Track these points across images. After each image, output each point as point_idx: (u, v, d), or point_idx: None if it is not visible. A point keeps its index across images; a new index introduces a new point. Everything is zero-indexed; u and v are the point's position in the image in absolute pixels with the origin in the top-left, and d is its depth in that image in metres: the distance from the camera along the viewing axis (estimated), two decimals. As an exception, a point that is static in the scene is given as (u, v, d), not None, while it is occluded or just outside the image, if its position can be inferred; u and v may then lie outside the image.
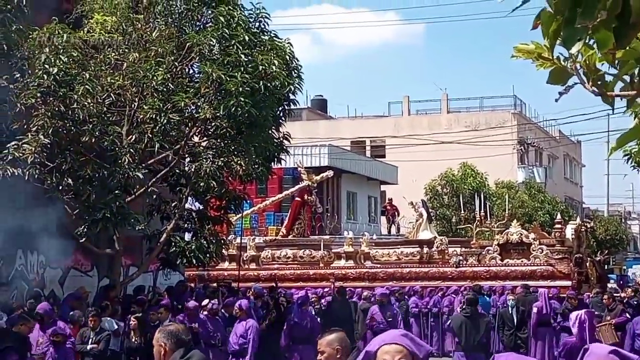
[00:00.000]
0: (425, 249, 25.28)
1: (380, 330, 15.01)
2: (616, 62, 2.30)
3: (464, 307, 14.87)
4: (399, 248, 25.86)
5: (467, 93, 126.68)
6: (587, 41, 2.18)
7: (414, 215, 28.31)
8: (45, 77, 14.72)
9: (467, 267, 24.34)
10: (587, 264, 24.57)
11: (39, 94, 14.73)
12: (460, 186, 42.96)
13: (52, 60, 14.75)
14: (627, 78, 2.34)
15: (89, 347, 13.04)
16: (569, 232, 24.75)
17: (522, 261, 24.06)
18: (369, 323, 17.65)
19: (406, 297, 23.37)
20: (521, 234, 24.56)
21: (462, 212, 32.00)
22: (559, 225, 25.20)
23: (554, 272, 23.39)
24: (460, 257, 24.63)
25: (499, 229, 26.36)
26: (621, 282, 43.91)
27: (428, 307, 23.28)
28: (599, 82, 2.40)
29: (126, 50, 15.69)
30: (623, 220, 71.74)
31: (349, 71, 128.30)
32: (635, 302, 22.32)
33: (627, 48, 2.19)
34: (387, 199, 40.30)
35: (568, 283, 22.77)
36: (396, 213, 38.91)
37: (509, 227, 25.66)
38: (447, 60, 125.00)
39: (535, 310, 20.01)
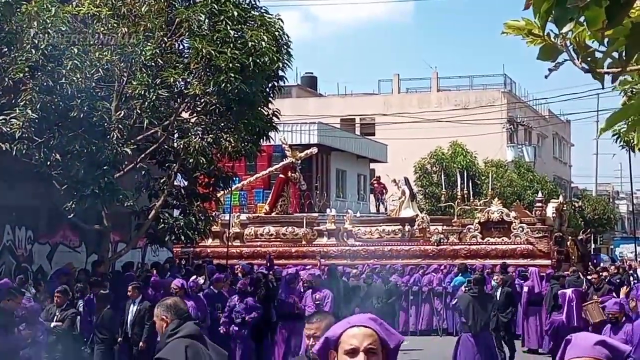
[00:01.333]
0: (407, 227, 25.30)
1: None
2: (605, 39, 2.29)
3: (470, 286, 14.88)
4: (381, 226, 25.87)
5: (457, 71, 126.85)
6: (577, 18, 2.17)
7: (398, 193, 28.30)
8: (34, 51, 14.62)
9: (447, 245, 24.39)
10: (568, 242, 24.65)
11: (27, 69, 14.62)
12: (450, 165, 43.00)
13: (41, 35, 14.64)
14: (616, 55, 2.33)
15: (52, 324, 12.70)
16: (550, 210, 24.82)
17: (502, 239, 24.13)
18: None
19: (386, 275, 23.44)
20: (502, 213, 24.61)
21: (451, 190, 31.99)
22: (540, 204, 25.24)
23: (533, 250, 23.49)
24: (441, 236, 24.68)
25: (481, 208, 26.37)
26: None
27: (408, 285, 23.35)
28: (589, 59, 2.39)
29: (115, 24, 15.57)
30: (611, 200, 72.05)
31: (339, 48, 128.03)
32: (618, 280, 22.48)
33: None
34: (375, 177, 40.26)
35: (547, 262, 22.87)
36: (384, 191, 38.92)
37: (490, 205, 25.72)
38: (437, 39, 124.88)
39: (525, 289, 20.10)
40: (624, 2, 1.97)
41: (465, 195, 29.86)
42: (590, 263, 26.92)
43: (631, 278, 25.95)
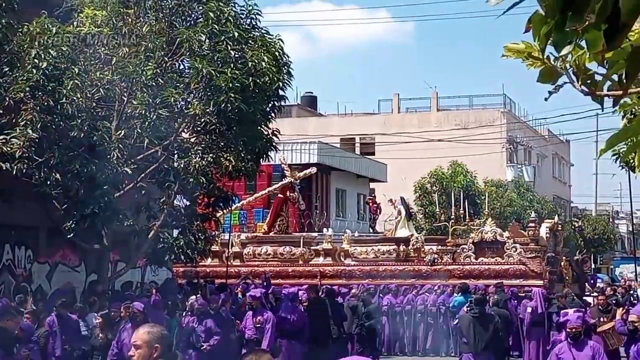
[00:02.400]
0: (402, 247, 25.26)
1: (251, 341, 14.91)
2: (605, 62, 2.31)
3: (471, 306, 14.84)
4: (376, 246, 25.85)
5: (457, 91, 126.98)
6: (577, 41, 2.19)
7: (394, 212, 28.29)
8: (35, 71, 14.67)
9: (440, 265, 24.36)
10: (562, 263, 24.55)
11: (27, 88, 14.66)
12: (450, 184, 43.04)
13: (42, 55, 14.69)
14: (615, 77, 2.34)
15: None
16: (544, 230, 24.77)
17: (495, 260, 24.08)
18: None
19: (380, 295, 23.41)
20: (495, 233, 24.56)
21: (450, 209, 31.97)
22: (533, 224, 25.19)
23: (526, 271, 23.43)
24: (435, 255, 24.63)
25: (476, 228, 26.34)
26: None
27: (402, 305, 23.30)
28: (589, 82, 2.41)
29: (116, 45, 15.62)
30: (611, 220, 72.01)
31: (339, 68, 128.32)
32: (614, 301, 22.38)
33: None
34: (370, 196, 40.22)
35: (540, 282, 22.81)
36: (378, 210, 38.93)
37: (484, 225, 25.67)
38: (437, 59, 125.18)
39: (529, 310, 20.01)
40: (622, 25, 1.99)
41: (462, 215, 29.83)
42: (587, 284, 26.85)
43: (632, 298, 25.85)
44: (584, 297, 21.39)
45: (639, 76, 2.23)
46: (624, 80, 2.19)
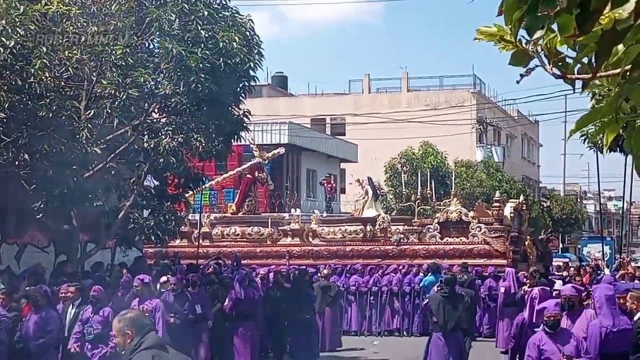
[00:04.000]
0: (369, 227, 25.34)
1: None
2: (576, 45, 2.32)
3: (441, 286, 14.95)
4: (343, 226, 25.92)
5: (428, 72, 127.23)
6: (549, 25, 2.20)
7: (362, 192, 28.34)
8: (2, 50, 14.47)
9: (407, 245, 24.47)
10: (526, 242, 24.74)
11: (-5, 67, 14.49)
12: (420, 164, 43.19)
13: (9, 33, 14.50)
14: (585, 60, 2.36)
15: None
16: (508, 210, 24.94)
17: (460, 239, 24.23)
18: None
19: (347, 275, 23.53)
20: (460, 212, 24.69)
21: (419, 190, 32.02)
22: (498, 204, 25.35)
23: (490, 250, 23.61)
24: (402, 236, 24.74)
25: (442, 208, 26.43)
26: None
27: (368, 285, 23.44)
28: (560, 64, 2.42)
29: (85, 23, 15.45)
30: (579, 200, 72.71)
31: (309, 48, 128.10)
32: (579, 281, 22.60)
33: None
34: (325, 176, 40.19)
35: (504, 262, 23.02)
36: (333, 190, 39.02)
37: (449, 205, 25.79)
38: (407, 39, 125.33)
39: (502, 290, 20.19)
40: (593, 10, 2.00)
41: (429, 195, 29.93)
42: (551, 263, 27.12)
43: (598, 278, 26.12)
44: (550, 277, 21.51)
45: (608, 59, 2.25)
46: (594, 64, 2.21)
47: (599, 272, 28.58)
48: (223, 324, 16.64)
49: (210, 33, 15.51)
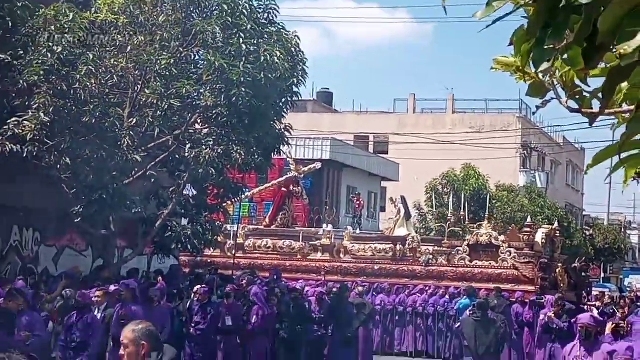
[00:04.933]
0: (399, 246, 25.18)
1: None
2: (586, 78, 2.31)
3: (474, 311, 14.85)
4: (374, 244, 25.79)
5: (474, 94, 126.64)
6: (562, 57, 2.19)
7: (394, 211, 28.21)
8: (49, 55, 14.72)
9: (435, 267, 24.26)
10: (558, 270, 24.28)
11: (42, 72, 14.73)
12: (461, 187, 42.92)
13: (57, 39, 14.74)
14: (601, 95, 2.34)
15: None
16: (540, 236, 24.53)
17: (489, 263, 23.95)
18: None
19: (373, 293, 23.39)
20: (490, 236, 24.37)
21: (457, 212, 31.81)
22: (529, 229, 24.94)
23: (518, 276, 23.26)
24: (430, 256, 24.50)
25: (472, 230, 26.11)
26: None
27: (394, 304, 23.31)
28: (577, 97, 2.40)
29: (132, 33, 15.67)
30: (623, 230, 71.69)
31: (356, 66, 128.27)
32: (611, 311, 22.26)
33: (605, 66, 2.19)
34: (355, 193, 40.07)
35: (532, 288, 22.67)
36: (362, 208, 38.96)
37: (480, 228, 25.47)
38: (455, 61, 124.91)
39: (542, 317, 19.83)
40: (599, 45, 1.99)
41: (462, 217, 29.63)
42: (585, 292, 26.60)
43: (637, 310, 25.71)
44: (582, 306, 21.16)
45: (622, 94, 2.23)
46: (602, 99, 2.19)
47: (638, 303, 28.14)
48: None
49: (253, 47, 15.62)
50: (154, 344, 5.58)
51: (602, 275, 61.95)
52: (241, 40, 15.38)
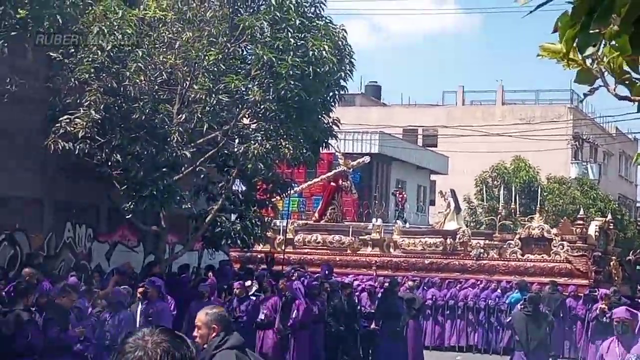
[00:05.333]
0: (449, 240, 25.01)
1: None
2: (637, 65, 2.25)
3: (525, 305, 14.72)
4: (424, 238, 25.64)
5: (524, 85, 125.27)
6: (610, 43, 2.14)
7: (443, 205, 28.02)
8: (99, 52, 14.88)
9: (486, 260, 24.04)
10: (612, 263, 23.93)
11: (92, 70, 14.90)
12: (512, 179, 42.53)
13: (107, 36, 14.90)
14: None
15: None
16: (593, 229, 24.17)
17: (542, 257, 23.65)
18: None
19: (424, 287, 23.26)
20: (542, 229, 24.07)
21: (507, 204, 31.45)
22: (582, 222, 24.58)
23: (571, 269, 22.95)
24: (481, 250, 24.28)
25: (524, 223, 25.80)
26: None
27: (445, 299, 23.19)
28: (627, 83, 2.35)
29: (180, 29, 15.76)
30: (677, 221, 70.41)
31: (404, 58, 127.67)
32: None
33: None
34: (397, 187, 39.87)
35: (585, 282, 22.38)
36: (405, 202, 38.73)
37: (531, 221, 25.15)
38: (503, 51, 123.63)
39: (594, 311, 19.60)
40: (647, 30, 1.94)
41: (513, 210, 29.33)
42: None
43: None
44: (637, 299, 20.80)
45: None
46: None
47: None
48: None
49: (301, 42, 15.62)
50: (224, 327, 5.87)
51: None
52: (289, 35, 15.39)
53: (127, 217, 16.32)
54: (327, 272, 21.00)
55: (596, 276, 22.74)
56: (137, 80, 15.03)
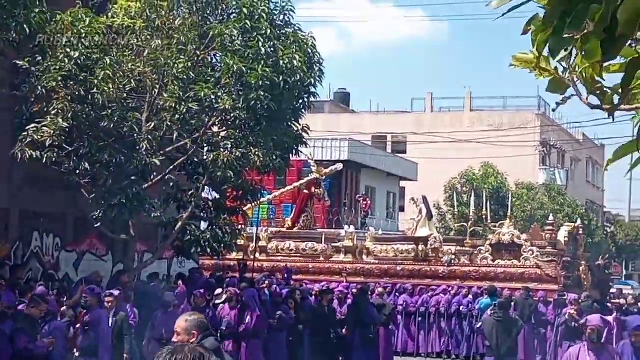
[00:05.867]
0: (421, 247, 25.09)
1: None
2: (608, 75, 2.27)
3: (495, 310, 14.79)
4: (396, 244, 25.72)
5: (491, 92, 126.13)
6: (581, 51, 2.16)
7: (414, 211, 28.12)
8: (67, 60, 14.78)
9: (457, 267, 24.15)
10: (582, 268, 24.15)
11: (59, 78, 14.78)
12: (481, 185, 42.79)
13: (74, 44, 14.78)
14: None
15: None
16: (562, 234, 24.40)
17: (512, 262, 23.81)
18: None
19: (396, 294, 23.33)
20: (512, 235, 24.25)
21: (480, 211, 31.63)
22: (551, 227, 24.79)
23: (541, 275, 23.13)
24: (453, 256, 24.40)
25: (494, 230, 25.99)
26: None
27: (417, 305, 23.24)
28: (598, 93, 2.37)
29: (149, 37, 15.68)
30: (645, 226, 71.17)
31: (373, 66, 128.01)
32: (636, 310, 22.04)
33: (626, 61, 2.16)
34: (361, 194, 39.95)
35: (555, 287, 22.55)
36: (368, 209, 38.89)
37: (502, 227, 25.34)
38: (472, 59, 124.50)
39: (566, 317, 19.71)
40: (619, 36, 1.95)
41: (484, 216, 29.51)
42: (609, 290, 26.44)
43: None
44: (607, 304, 20.99)
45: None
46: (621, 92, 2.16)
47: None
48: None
49: (271, 50, 15.60)
50: (203, 334, 5.91)
51: (624, 272, 61.55)
52: (260, 44, 15.36)
53: (95, 225, 16.19)
54: (286, 275, 20.97)
55: (565, 281, 22.91)
56: (106, 88, 14.93)
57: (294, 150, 18.05)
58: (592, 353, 9.39)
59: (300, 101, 17.31)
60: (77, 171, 15.35)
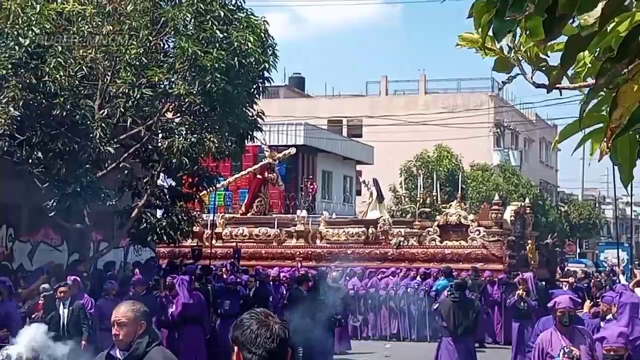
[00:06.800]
0: (371, 230, 25.18)
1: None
2: (552, 53, 2.31)
3: (451, 291, 14.88)
4: (347, 228, 25.80)
5: (445, 74, 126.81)
6: (524, 30, 2.19)
7: (367, 194, 28.27)
8: (17, 48, 14.55)
9: (406, 248, 24.30)
10: (529, 247, 24.34)
11: (9, 66, 14.54)
12: (436, 168, 43.04)
13: (24, 32, 14.58)
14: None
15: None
16: (508, 214, 24.58)
17: (459, 243, 23.99)
18: None
19: (346, 278, 23.45)
20: (459, 215, 24.42)
21: (431, 193, 31.84)
22: (497, 207, 24.97)
23: (487, 254, 23.35)
24: (401, 238, 24.54)
25: (443, 211, 26.16)
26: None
27: (366, 288, 23.35)
28: (544, 70, 2.41)
29: (100, 23, 15.51)
30: (597, 205, 72.21)
31: (327, 50, 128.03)
32: (585, 285, 22.41)
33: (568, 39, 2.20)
34: (308, 178, 39.99)
35: (500, 266, 22.79)
36: (314, 192, 39.00)
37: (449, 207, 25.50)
38: (425, 41, 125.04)
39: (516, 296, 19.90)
40: (559, 15, 1.99)
41: (435, 198, 29.67)
42: (558, 268, 26.72)
43: (612, 283, 25.94)
44: (556, 282, 21.25)
45: (572, 64, 2.23)
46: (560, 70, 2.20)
47: (614, 277, 28.41)
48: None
49: (225, 34, 15.52)
50: (149, 325, 5.71)
51: (578, 251, 62.43)
52: (214, 27, 15.27)
53: (50, 215, 16.02)
54: (236, 256, 20.93)
55: (510, 260, 23.08)
56: (57, 76, 14.74)
57: (249, 136, 18.01)
58: (565, 337, 8.79)
59: (255, 86, 17.27)
60: (30, 160, 15.13)
